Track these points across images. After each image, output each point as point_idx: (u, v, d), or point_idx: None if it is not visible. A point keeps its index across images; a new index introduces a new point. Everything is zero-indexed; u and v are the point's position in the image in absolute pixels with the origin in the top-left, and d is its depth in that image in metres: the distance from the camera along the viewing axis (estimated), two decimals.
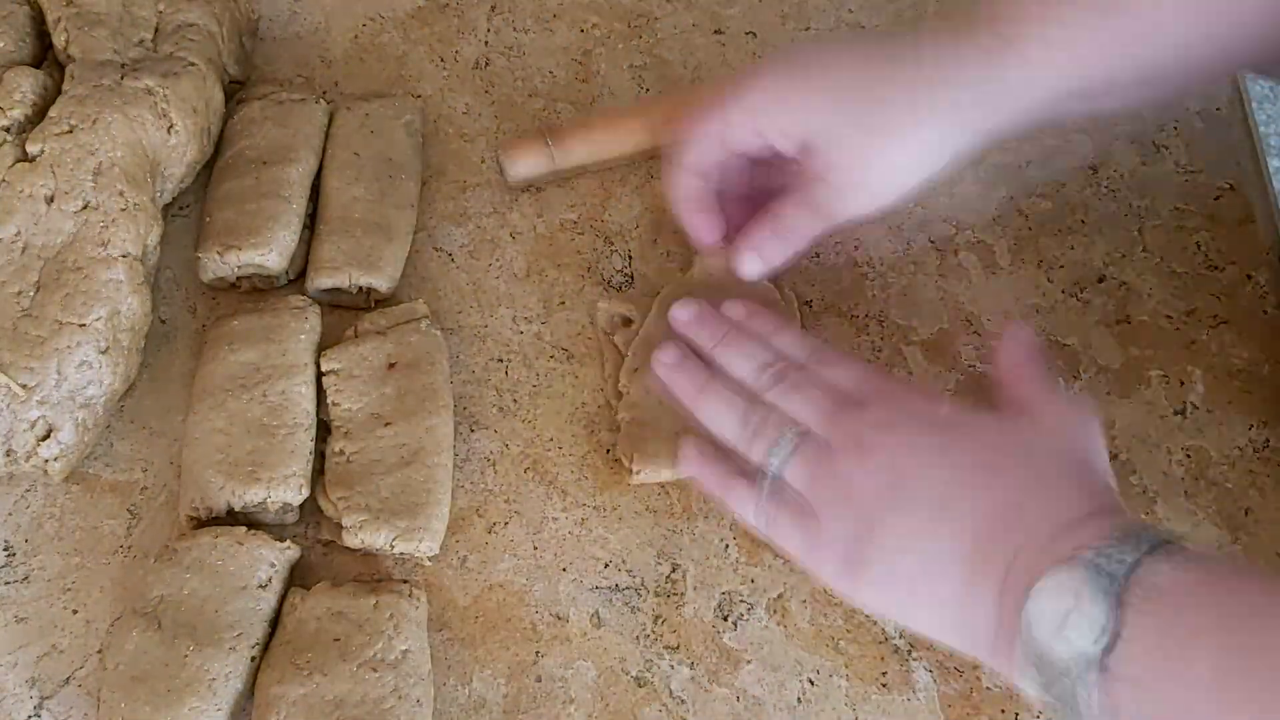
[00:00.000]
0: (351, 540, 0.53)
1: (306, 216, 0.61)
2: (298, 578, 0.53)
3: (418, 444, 0.55)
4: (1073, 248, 0.64)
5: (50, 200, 0.55)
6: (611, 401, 0.59)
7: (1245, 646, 0.36)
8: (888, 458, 0.47)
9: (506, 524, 0.56)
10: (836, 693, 0.53)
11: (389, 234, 0.60)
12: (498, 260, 0.63)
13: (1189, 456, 0.59)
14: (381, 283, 0.59)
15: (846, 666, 0.54)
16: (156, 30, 0.61)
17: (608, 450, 0.58)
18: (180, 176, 0.61)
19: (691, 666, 0.54)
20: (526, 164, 0.63)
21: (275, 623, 0.51)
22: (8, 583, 0.53)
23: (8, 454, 0.53)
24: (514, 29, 0.70)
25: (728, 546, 0.56)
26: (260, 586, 0.51)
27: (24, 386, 0.52)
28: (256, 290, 0.61)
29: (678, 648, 0.54)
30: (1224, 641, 0.37)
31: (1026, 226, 0.64)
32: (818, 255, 0.63)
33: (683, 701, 0.53)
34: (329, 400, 0.56)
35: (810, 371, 0.52)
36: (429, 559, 0.54)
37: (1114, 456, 0.59)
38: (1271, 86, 0.68)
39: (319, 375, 0.57)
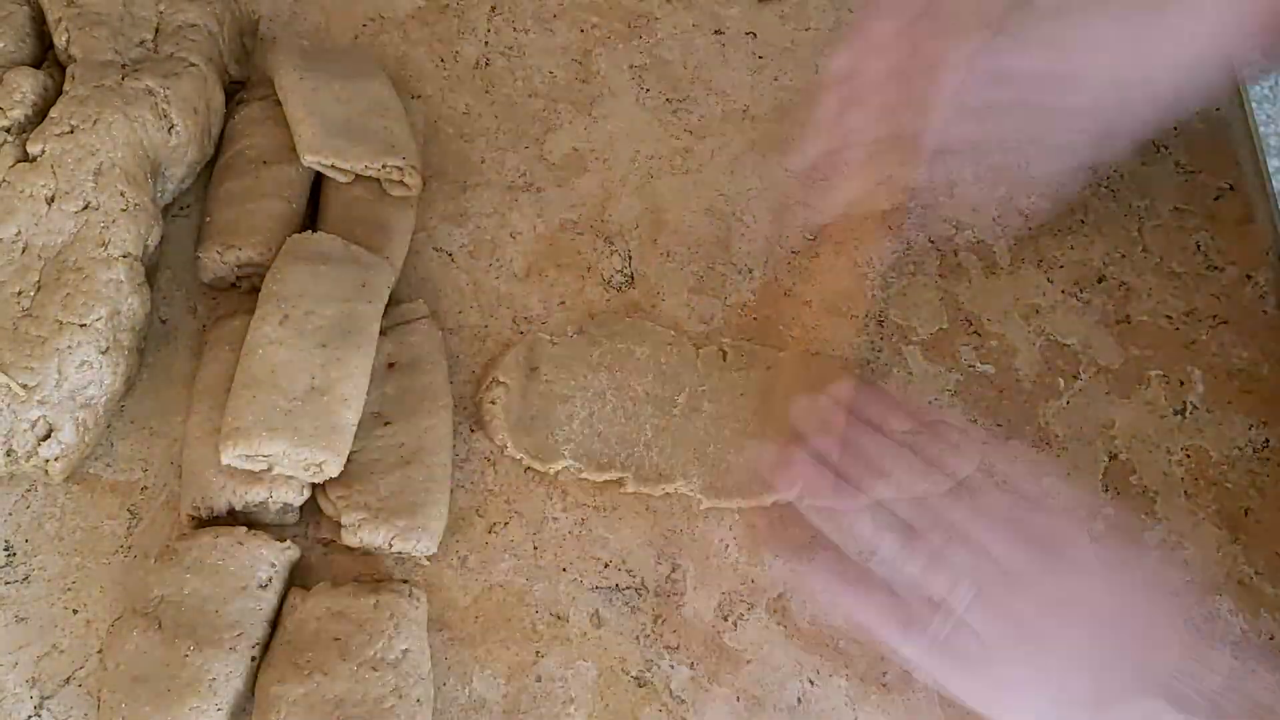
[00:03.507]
0: (350, 539, 0.53)
1: (306, 217, 0.61)
2: (298, 578, 0.53)
3: (417, 443, 0.55)
4: (1073, 248, 0.64)
5: (51, 200, 0.55)
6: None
7: None
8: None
9: (506, 524, 0.56)
10: (836, 693, 0.53)
11: (389, 234, 0.60)
12: (498, 260, 0.63)
13: (1189, 456, 0.59)
14: None
15: (846, 666, 0.54)
16: (157, 30, 0.61)
17: None
18: (181, 177, 0.61)
19: (691, 666, 0.54)
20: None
21: (275, 623, 0.51)
22: (8, 583, 0.53)
23: (8, 454, 0.53)
24: (514, 29, 0.70)
25: (728, 546, 0.56)
26: (261, 586, 0.51)
27: (25, 386, 0.52)
28: (256, 290, 0.60)
29: (678, 648, 0.54)
30: None
31: (1026, 226, 0.64)
32: (818, 255, 0.63)
33: (683, 701, 0.53)
34: None
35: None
36: (427, 558, 0.54)
37: (1114, 456, 0.59)
38: (1272, 86, 0.68)
39: None
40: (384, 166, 0.59)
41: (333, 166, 0.59)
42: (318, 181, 0.61)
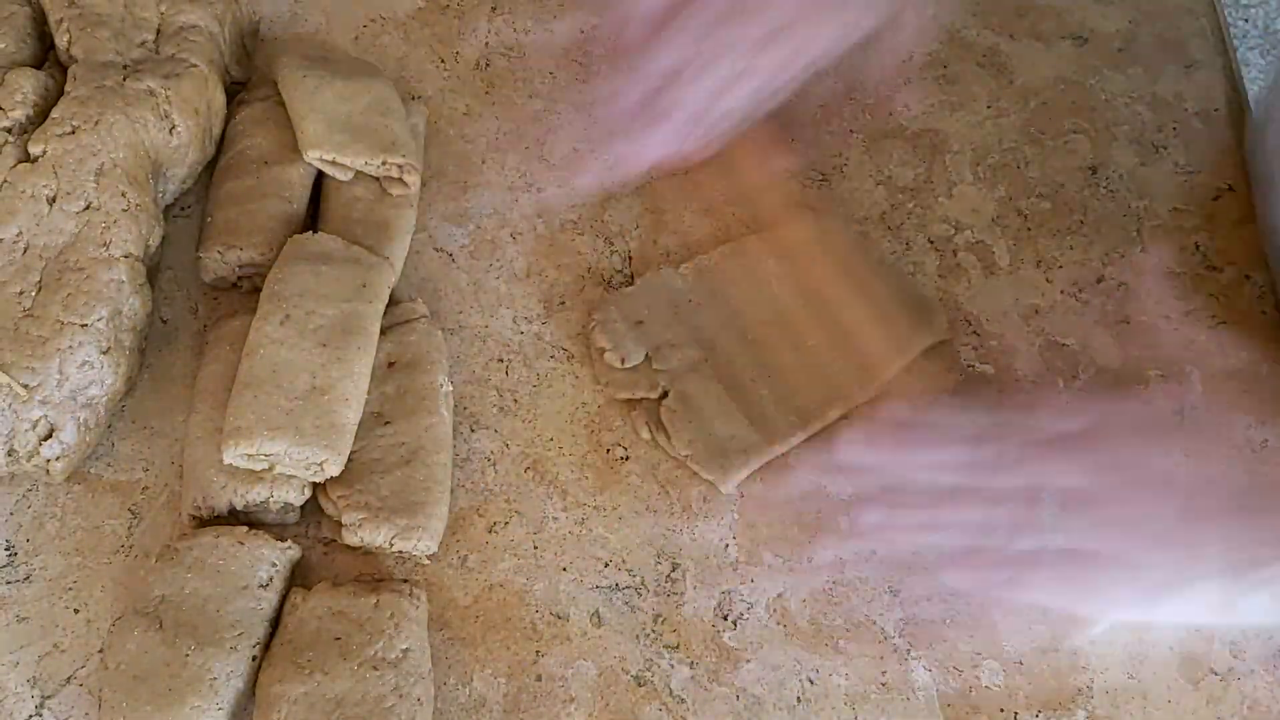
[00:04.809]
0: (351, 538, 0.53)
1: (307, 217, 0.61)
2: (299, 577, 0.54)
3: (417, 443, 0.55)
4: (1072, 248, 0.64)
5: (52, 201, 0.55)
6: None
7: None
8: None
9: (506, 524, 0.56)
10: (836, 692, 0.53)
11: (389, 234, 0.60)
12: (498, 260, 0.63)
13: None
14: None
15: (846, 666, 0.54)
16: (158, 31, 0.61)
17: (608, 450, 0.58)
18: (182, 177, 0.61)
19: (691, 666, 0.54)
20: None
21: (276, 622, 0.51)
22: (9, 582, 0.53)
23: (10, 454, 0.53)
24: (514, 29, 0.70)
25: (728, 546, 0.56)
26: (261, 586, 0.51)
27: (26, 386, 0.52)
28: (257, 290, 0.61)
29: (678, 647, 0.54)
30: None
31: (1026, 226, 0.64)
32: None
33: (683, 701, 0.53)
34: None
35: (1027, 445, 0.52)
36: (427, 558, 0.54)
37: None
38: (1271, 86, 0.68)
39: None
40: (384, 163, 0.59)
41: (334, 163, 0.59)
42: (318, 182, 0.62)
